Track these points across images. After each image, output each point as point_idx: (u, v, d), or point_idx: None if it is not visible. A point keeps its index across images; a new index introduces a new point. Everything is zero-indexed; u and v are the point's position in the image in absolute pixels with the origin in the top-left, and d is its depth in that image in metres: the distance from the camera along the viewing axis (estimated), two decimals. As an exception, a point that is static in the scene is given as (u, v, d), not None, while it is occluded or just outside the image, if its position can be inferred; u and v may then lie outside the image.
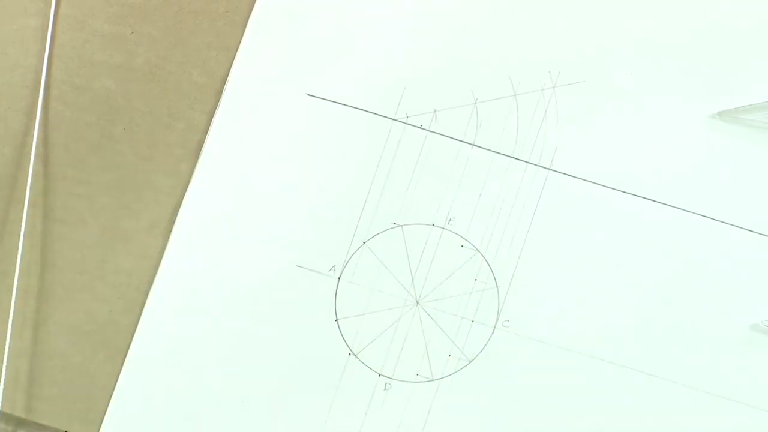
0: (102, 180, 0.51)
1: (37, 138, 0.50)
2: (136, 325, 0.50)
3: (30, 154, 0.50)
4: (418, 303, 0.49)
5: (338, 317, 0.49)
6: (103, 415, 0.49)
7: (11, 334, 0.49)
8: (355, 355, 0.49)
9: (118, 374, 0.49)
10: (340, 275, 0.49)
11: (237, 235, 0.50)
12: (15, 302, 0.50)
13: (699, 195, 0.49)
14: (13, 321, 0.50)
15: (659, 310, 0.48)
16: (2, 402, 0.49)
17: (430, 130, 0.50)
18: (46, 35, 0.51)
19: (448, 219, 0.50)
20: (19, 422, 0.50)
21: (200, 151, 0.50)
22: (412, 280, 0.49)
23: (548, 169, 0.49)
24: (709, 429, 0.47)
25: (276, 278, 0.49)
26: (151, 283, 0.50)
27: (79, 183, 0.51)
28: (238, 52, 0.51)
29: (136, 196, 0.50)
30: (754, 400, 0.47)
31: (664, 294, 0.48)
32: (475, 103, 0.50)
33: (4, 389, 0.49)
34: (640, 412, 0.48)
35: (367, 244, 0.50)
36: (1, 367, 0.49)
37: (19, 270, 0.50)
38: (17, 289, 0.50)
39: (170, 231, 0.50)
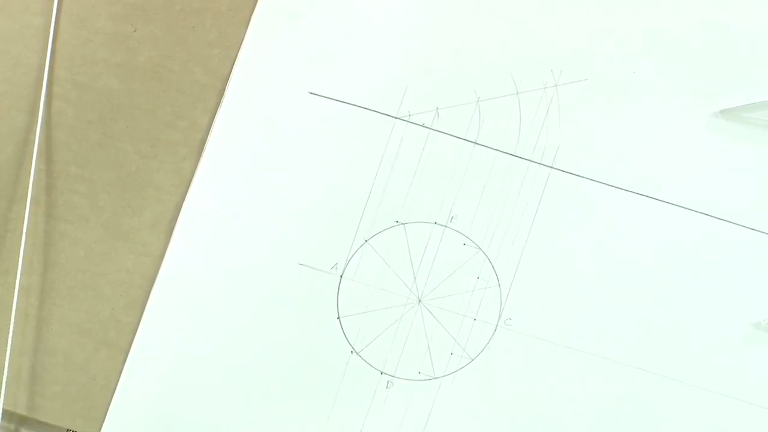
0: (104, 178, 0.51)
1: (40, 136, 0.50)
2: (138, 323, 0.50)
3: (32, 152, 0.50)
4: (420, 301, 0.49)
5: (340, 315, 0.49)
6: (106, 413, 0.49)
7: (13, 332, 0.49)
8: (357, 353, 0.49)
9: (120, 372, 0.49)
10: (343, 273, 0.49)
11: (239, 233, 0.50)
12: (17, 300, 0.50)
13: (701, 193, 0.49)
14: (15, 319, 0.50)
15: (661, 308, 0.48)
16: (4, 400, 0.49)
17: (433, 128, 0.50)
18: (49, 33, 0.51)
19: (450, 217, 0.50)
20: (22, 420, 0.50)
21: (202, 149, 0.50)
22: (414, 278, 0.49)
23: (550, 167, 0.49)
24: (711, 427, 0.47)
25: (278, 276, 0.49)
26: (153, 281, 0.50)
27: (82, 181, 0.51)
28: (241, 51, 0.51)
29: (138, 194, 0.50)
30: (755, 398, 0.47)
31: (666, 292, 0.48)
32: (478, 101, 0.50)
33: (6, 387, 0.49)
34: (641, 409, 0.48)
35: (370, 242, 0.50)
36: (3, 365, 0.49)
37: (21, 268, 0.50)
38: (19, 287, 0.50)
39: (172, 229, 0.50)
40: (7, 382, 0.49)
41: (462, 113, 0.50)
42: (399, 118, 0.50)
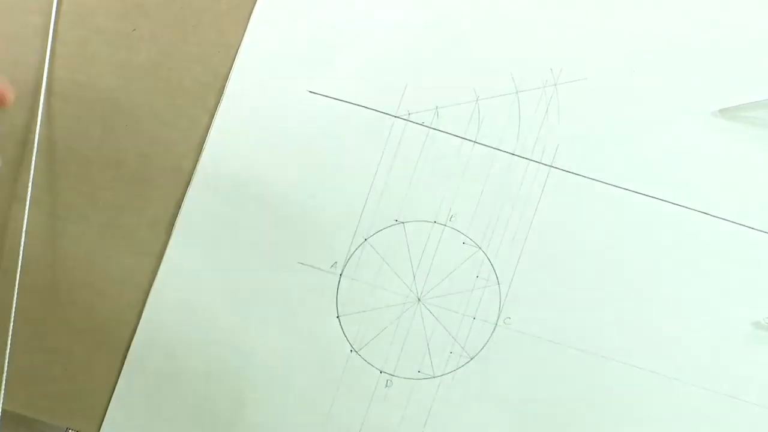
0: (104, 177, 0.51)
1: (40, 135, 0.50)
2: (138, 322, 0.50)
3: (32, 151, 0.50)
4: (419, 300, 0.49)
5: (340, 314, 0.49)
6: (105, 412, 0.49)
7: (13, 331, 0.49)
8: (356, 352, 0.49)
9: (119, 371, 0.49)
10: (342, 272, 0.49)
11: (238, 232, 0.50)
12: (17, 299, 0.50)
13: (701, 192, 0.49)
14: (14, 318, 0.50)
15: (660, 308, 0.48)
16: (4, 399, 0.49)
17: (432, 127, 0.50)
18: (48, 32, 0.51)
19: (450, 216, 0.50)
20: (21, 419, 0.50)
21: (202, 148, 0.50)
22: (414, 276, 0.49)
23: (550, 166, 0.49)
24: (711, 425, 0.47)
25: (277, 275, 0.49)
26: (152, 279, 0.50)
27: (81, 180, 0.51)
28: (240, 50, 0.51)
29: (137, 193, 0.50)
30: (754, 396, 0.47)
31: (665, 291, 0.48)
32: (477, 100, 0.50)
33: (5, 386, 0.49)
34: (641, 408, 0.48)
35: (369, 241, 0.50)
36: (3, 364, 0.49)
37: (21, 267, 0.50)
38: (19, 286, 0.50)
39: (172, 228, 0.50)
40: (6, 381, 0.49)
41: (461, 112, 0.50)
42: (398, 117, 0.50)
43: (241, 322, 0.49)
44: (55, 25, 0.51)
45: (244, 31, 0.51)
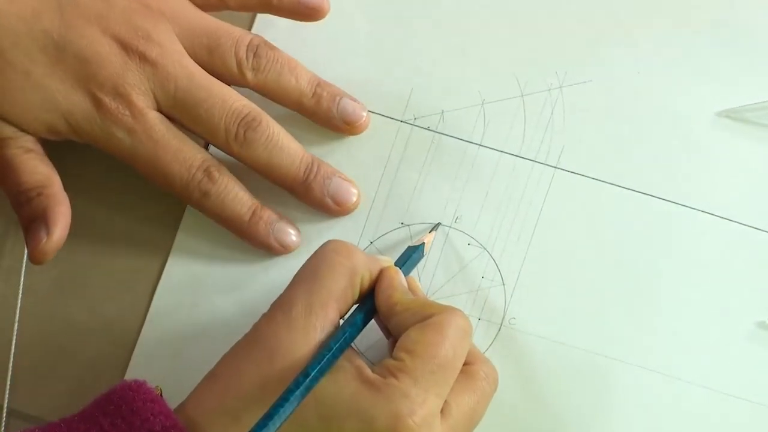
0: (107, 176, 0.51)
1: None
2: (143, 322, 0.50)
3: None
4: (425, 300, 0.49)
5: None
6: (109, 412, 0.49)
7: (18, 331, 0.49)
8: (361, 354, 0.49)
9: (125, 371, 0.49)
10: (348, 273, 0.49)
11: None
12: (21, 298, 0.50)
13: (706, 193, 0.49)
14: (19, 318, 0.49)
15: (665, 308, 0.49)
16: (9, 398, 0.49)
17: (438, 131, 0.51)
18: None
19: (455, 217, 0.50)
20: (26, 418, 0.49)
21: (206, 148, 0.50)
22: (419, 278, 0.49)
23: (555, 167, 0.50)
24: (715, 426, 0.47)
25: (283, 277, 0.49)
26: (157, 278, 0.50)
27: (85, 179, 0.51)
28: (246, 52, 0.51)
29: (141, 192, 0.50)
30: (758, 396, 0.47)
31: (670, 291, 0.49)
32: (483, 103, 0.51)
33: (10, 385, 0.49)
34: (646, 409, 0.48)
35: (375, 243, 0.50)
36: (8, 363, 0.49)
37: (26, 266, 0.50)
38: (24, 285, 0.50)
39: (177, 227, 0.50)
40: (11, 380, 0.49)
41: (467, 116, 0.51)
42: (404, 122, 0.51)
43: (246, 322, 0.49)
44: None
45: (251, 33, 0.51)
